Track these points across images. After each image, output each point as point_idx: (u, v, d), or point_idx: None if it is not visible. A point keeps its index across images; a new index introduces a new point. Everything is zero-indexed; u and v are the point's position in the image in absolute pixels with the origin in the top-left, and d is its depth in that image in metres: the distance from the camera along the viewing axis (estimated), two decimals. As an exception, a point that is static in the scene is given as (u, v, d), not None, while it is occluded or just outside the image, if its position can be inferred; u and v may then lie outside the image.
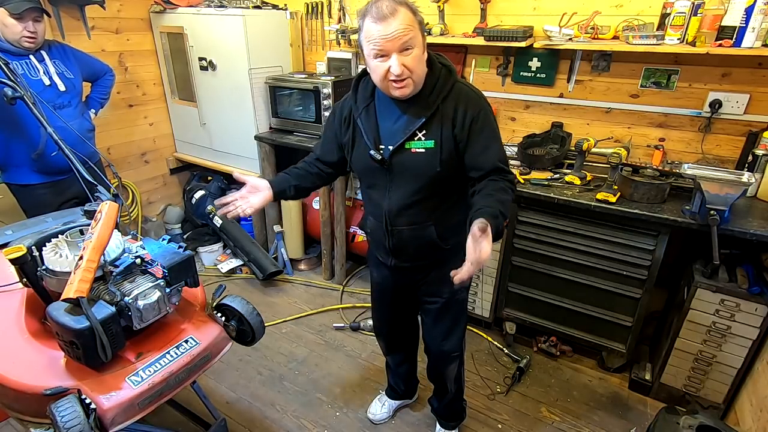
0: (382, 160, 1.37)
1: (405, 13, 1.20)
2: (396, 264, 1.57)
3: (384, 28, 1.19)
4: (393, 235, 1.48)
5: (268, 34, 2.88)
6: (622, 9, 2.18)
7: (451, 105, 1.32)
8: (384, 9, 1.18)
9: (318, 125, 2.78)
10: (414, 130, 1.33)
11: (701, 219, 1.79)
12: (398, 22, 1.19)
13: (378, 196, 1.46)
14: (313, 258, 3.34)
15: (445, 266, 1.56)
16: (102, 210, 1.18)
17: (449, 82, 1.33)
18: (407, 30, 1.20)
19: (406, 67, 1.23)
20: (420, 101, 1.33)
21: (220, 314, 1.37)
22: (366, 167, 1.44)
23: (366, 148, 1.39)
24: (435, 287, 1.61)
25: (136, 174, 3.33)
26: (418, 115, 1.32)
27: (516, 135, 2.64)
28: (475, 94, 1.35)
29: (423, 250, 1.51)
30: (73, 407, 1.00)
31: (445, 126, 1.32)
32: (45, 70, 2.10)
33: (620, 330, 2.21)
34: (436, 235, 1.45)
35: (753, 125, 2.08)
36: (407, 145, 1.34)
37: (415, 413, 2.14)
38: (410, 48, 1.22)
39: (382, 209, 1.45)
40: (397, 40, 1.20)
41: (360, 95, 1.42)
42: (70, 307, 1.07)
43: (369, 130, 1.39)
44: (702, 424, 1.58)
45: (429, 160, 1.34)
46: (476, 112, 1.31)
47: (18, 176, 2.17)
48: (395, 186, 1.41)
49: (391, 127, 1.37)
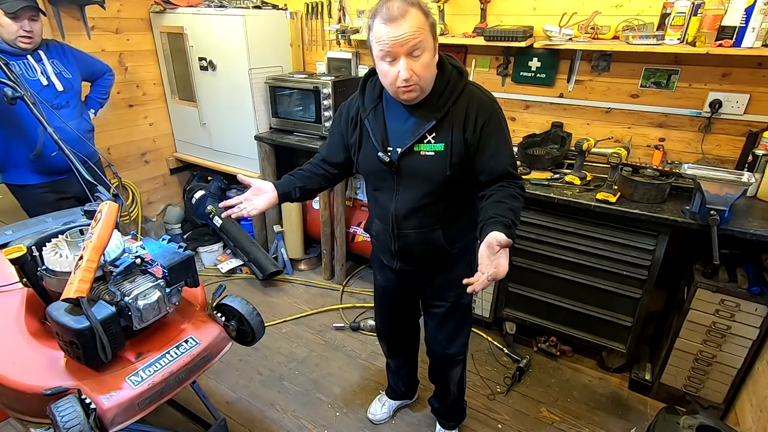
0: (390, 162, 1.34)
1: (416, 15, 1.16)
2: (401, 267, 1.55)
3: (393, 29, 1.15)
4: (399, 238, 1.46)
5: (268, 34, 2.88)
6: (622, 9, 2.18)
7: (462, 108, 1.29)
8: (394, 10, 1.14)
9: (318, 125, 2.78)
10: (424, 132, 1.30)
11: (701, 219, 1.79)
12: (408, 24, 1.15)
13: (385, 198, 1.44)
14: (313, 258, 3.34)
15: (450, 270, 1.55)
16: (102, 210, 1.17)
17: (460, 84, 1.30)
18: (417, 33, 1.16)
19: (414, 73, 1.19)
20: (430, 103, 1.30)
21: (220, 314, 1.36)
22: (373, 169, 1.41)
23: (373, 150, 1.36)
24: (440, 291, 1.60)
25: (136, 174, 3.33)
26: (428, 117, 1.29)
27: (516, 135, 2.63)
28: (488, 98, 1.32)
29: (429, 254, 1.49)
30: (73, 407, 1.00)
31: (455, 129, 1.29)
32: (43, 70, 2.10)
33: (620, 330, 2.21)
34: (443, 239, 1.44)
35: (753, 125, 2.08)
36: (416, 147, 1.32)
37: (415, 413, 2.14)
38: (419, 52, 1.18)
39: (389, 212, 1.43)
40: (406, 43, 1.16)
41: (368, 96, 1.40)
42: (70, 307, 1.07)
43: (377, 131, 1.36)
44: (702, 424, 1.58)
45: (438, 164, 1.31)
46: (488, 115, 1.29)
47: (17, 176, 2.17)
48: (403, 189, 1.38)
49: (400, 129, 1.34)
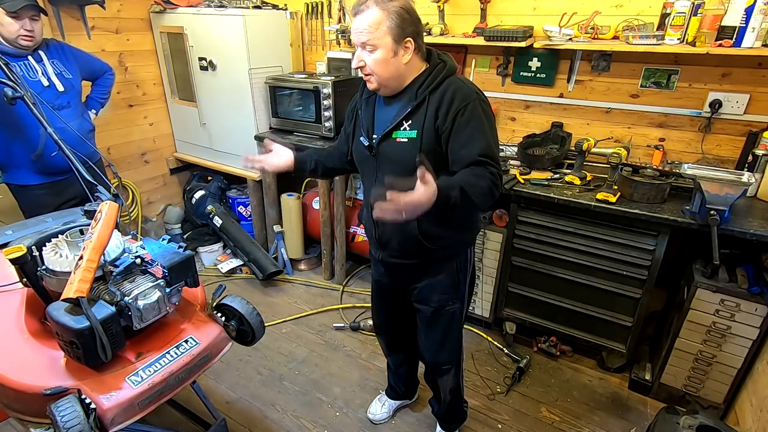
0: (369, 147, 1.43)
1: (373, 13, 1.26)
2: (384, 258, 1.59)
3: (354, 21, 1.29)
4: (378, 225, 1.52)
5: (268, 34, 2.88)
6: (622, 9, 2.18)
7: (438, 97, 1.32)
8: (359, 4, 1.27)
9: (318, 125, 2.78)
10: (400, 119, 1.36)
11: (701, 219, 1.79)
12: (363, 21, 1.26)
13: (368, 184, 1.53)
14: (313, 258, 3.34)
15: (435, 274, 1.56)
16: (102, 210, 1.17)
17: (441, 75, 1.34)
18: (369, 30, 1.26)
19: (366, 64, 1.31)
20: (410, 93, 1.36)
21: (220, 314, 1.36)
22: (360, 156, 1.51)
23: (360, 136, 1.47)
24: (424, 293, 1.61)
25: (136, 174, 3.33)
26: (406, 105, 1.36)
27: (516, 135, 2.64)
28: (467, 87, 1.32)
29: (407, 245, 1.50)
30: (73, 407, 1.00)
31: (428, 117, 1.33)
32: (43, 71, 2.09)
33: (620, 330, 2.21)
34: (417, 229, 1.44)
35: (753, 125, 2.08)
36: (393, 134, 1.38)
37: (415, 413, 2.14)
38: (371, 48, 1.28)
39: (370, 198, 1.48)
40: (358, 36, 1.28)
41: (366, 88, 1.48)
42: (70, 307, 1.06)
43: (365, 119, 1.46)
44: (702, 424, 1.58)
45: (411, 150, 1.35)
46: (463, 104, 1.28)
47: (18, 177, 2.17)
48: (381, 175, 1.44)
49: (384, 118, 1.42)
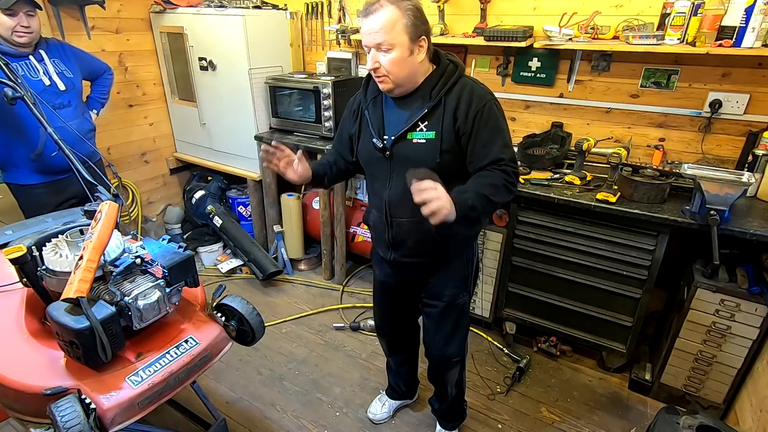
0: (383, 148, 1.41)
1: (388, 12, 1.23)
2: (395, 258, 1.57)
3: (367, 22, 1.26)
4: (393, 226, 1.50)
5: (268, 34, 2.88)
6: (622, 9, 2.18)
7: (455, 98, 1.33)
8: (370, 5, 1.25)
9: (318, 125, 2.78)
10: (416, 120, 1.35)
11: (701, 219, 1.79)
12: (377, 21, 1.24)
13: (379, 186, 1.50)
14: (313, 258, 3.34)
15: (446, 267, 1.56)
16: (102, 210, 1.17)
17: (454, 76, 1.35)
18: (385, 30, 1.24)
19: (382, 65, 1.28)
20: (423, 94, 1.35)
21: (220, 314, 1.37)
22: (369, 157, 1.48)
23: (370, 137, 1.43)
24: (435, 290, 1.61)
25: (136, 174, 3.33)
26: (421, 106, 1.35)
27: (516, 135, 2.63)
28: (481, 88, 1.36)
29: (422, 245, 1.51)
30: (73, 407, 1.00)
31: (447, 118, 1.33)
32: (45, 70, 2.10)
33: (620, 330, 2.21)
34: (435, 229, 1.44)
35: (753, 125, 2.08)
36: (409, 135, 1.37)
37: (415, 413, 2.14)
38: (387, 47, 1.26)
39: (383, 200, 1.47)
40: (372, 37, 1.26)
41: (369, 89, 1.47)
42: (70, 307, 1.07)
43: (374, 120, 1.43)
44: (702, 424, 1.58)
45: (430, 151, 1.35)
46: (481, 105, 1.32)
47: (18, 176, 2.17)
48: (396, 176, 1.43)
49: (396, 119, 1.40)
